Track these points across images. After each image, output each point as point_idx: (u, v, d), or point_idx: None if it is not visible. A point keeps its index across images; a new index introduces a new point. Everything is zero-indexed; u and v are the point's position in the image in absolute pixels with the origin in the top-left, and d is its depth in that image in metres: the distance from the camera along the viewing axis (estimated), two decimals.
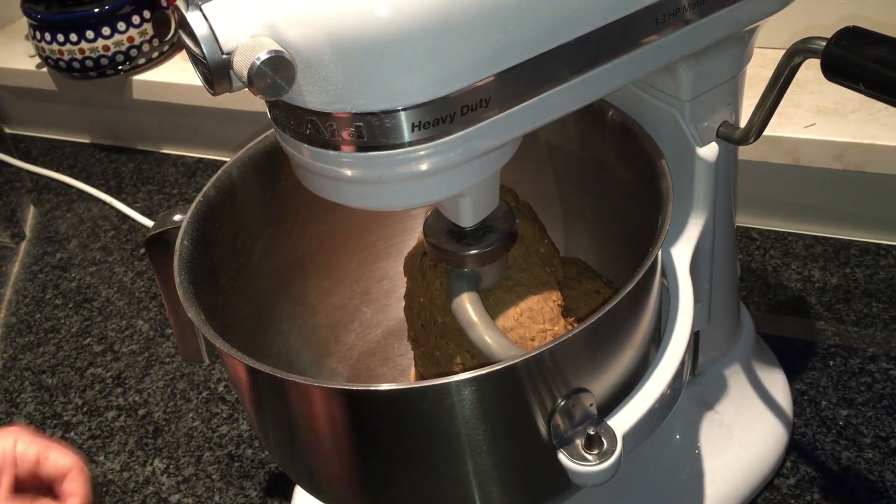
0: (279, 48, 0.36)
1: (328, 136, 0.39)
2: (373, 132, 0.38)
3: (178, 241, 0.50)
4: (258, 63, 0.35)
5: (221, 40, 0.37)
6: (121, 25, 1.01)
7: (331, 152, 0.40)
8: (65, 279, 0.95)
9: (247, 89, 0.37)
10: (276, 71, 0.36)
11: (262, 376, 0.43)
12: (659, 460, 0.61)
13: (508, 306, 0.51)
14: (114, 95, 1.08)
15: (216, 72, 0.37)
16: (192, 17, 0.36)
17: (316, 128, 0.39)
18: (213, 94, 0.38)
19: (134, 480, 0.72)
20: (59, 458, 0.55)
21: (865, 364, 0.72)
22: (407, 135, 0.38)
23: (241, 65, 0.36)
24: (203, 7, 0.37)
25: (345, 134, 0.38)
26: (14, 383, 0.83)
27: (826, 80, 0.45)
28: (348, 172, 0.40)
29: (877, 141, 0.76)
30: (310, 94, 0.38)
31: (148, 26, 1.03)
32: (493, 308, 0.50)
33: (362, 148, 0.39)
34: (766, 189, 0.84)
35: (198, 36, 0.36)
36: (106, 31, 1.01)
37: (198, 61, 0.38)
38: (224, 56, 0.37)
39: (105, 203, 1.06)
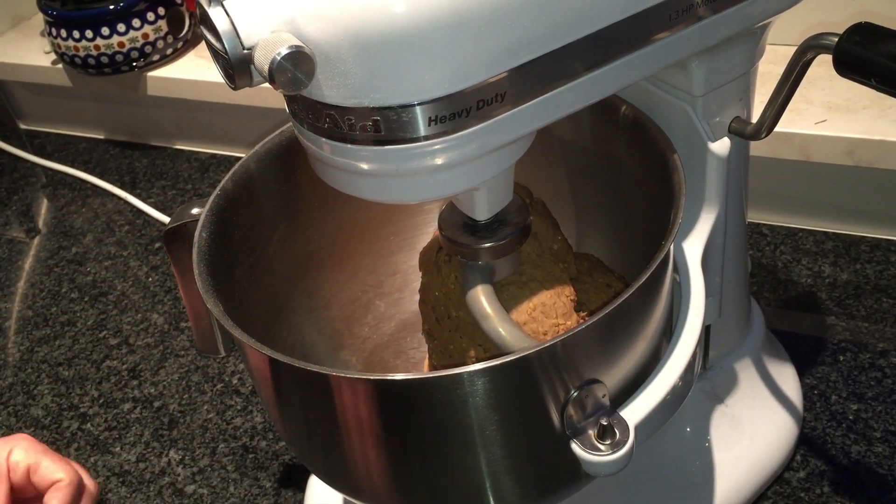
0: (299, 43, 0.36)
1: (346, 130, 0.39)
2: (390, 126, 0.39)
3: (197, 233, 0.50)
4: (279, 58, 0.36)
5: (242, 35, 0.37)
6: (136, 22, 1.02)
7: (348, 146, 0.40)
8: (80, 273, 0.96)
9: (264, 85, 0.38)
10: (297, 66, 0.36)
11: (281, 366, 0.44)
12: (669, 453, 0.62)
13: (522, 301, 0.51)
14: (128, 92, 1.09)
15: (237, 66, 0.38)
16: (214, 13, 0.37)
17: (334, 122, 0.39)
18: (234, 89, 0.39)
19: (150, 471, 0.73)
20: (49, 469, 0.55)
21: (875, 359, 0.72)
22: (423, 129, 0.39)
23: (262, 60, 0.36)
24: (224, 3, 0.37)
25: (362, 128, 0.39)
26: (31, 375, 0.84)
27: (837, 77, 0.45)
28: (365, 166, 0.41)
29: (888, 137, 0.76)
30: (328, 89, 0.38)
31: (163, 23, 1.04)
32: (506, 303, 0.51)
33: (379, 142, 0.39)
34: (777, 185, 0.84)
35: (220, 31, 0.37)
36: (121, 27, 1.02)
37: (219, 56, 0.39)
38: (245, 51, 0.37)
39: (119, 198, 1.07)
